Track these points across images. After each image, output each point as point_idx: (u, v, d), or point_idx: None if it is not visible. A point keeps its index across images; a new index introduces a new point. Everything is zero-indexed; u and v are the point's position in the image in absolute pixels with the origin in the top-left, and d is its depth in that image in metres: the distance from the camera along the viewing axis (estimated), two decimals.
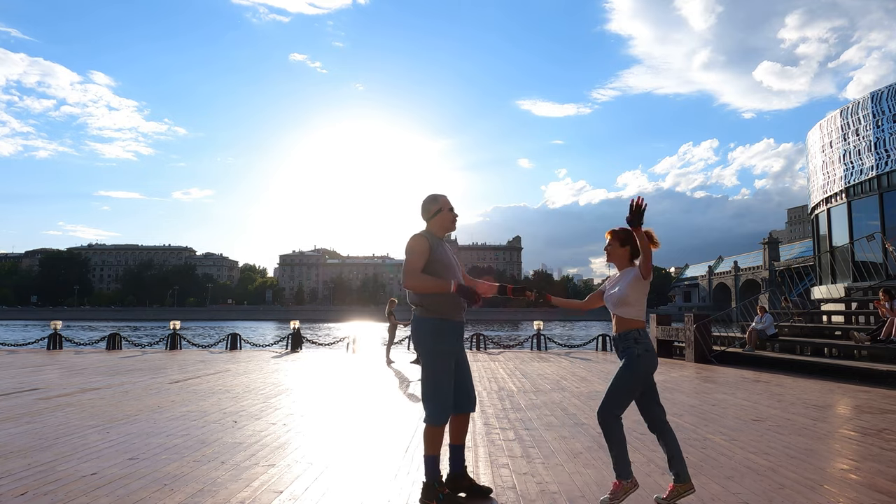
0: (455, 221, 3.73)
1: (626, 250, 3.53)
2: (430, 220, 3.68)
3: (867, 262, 15.63)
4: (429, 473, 3.54)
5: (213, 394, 7.98)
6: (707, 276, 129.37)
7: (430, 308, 3.52)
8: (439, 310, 3.52)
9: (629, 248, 3.53)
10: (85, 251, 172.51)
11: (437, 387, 3.50)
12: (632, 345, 3.38)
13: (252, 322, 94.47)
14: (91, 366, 11.79)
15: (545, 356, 15.13)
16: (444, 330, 3.52)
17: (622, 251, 3.54)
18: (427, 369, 3.53)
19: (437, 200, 3.69)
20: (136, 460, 4.41)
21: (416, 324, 3.56)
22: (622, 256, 3.54)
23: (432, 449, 3.52)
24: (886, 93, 16.43)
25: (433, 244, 3.57)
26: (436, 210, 3.67)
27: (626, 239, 3.53)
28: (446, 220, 3.69)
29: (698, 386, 9.25)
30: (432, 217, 3.68)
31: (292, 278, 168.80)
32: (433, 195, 3.73)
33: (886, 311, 10.67)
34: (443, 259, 3.57)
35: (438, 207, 3.67)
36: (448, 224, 3.70)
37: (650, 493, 3.66)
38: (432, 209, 3.68)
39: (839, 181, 17.91)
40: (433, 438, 3.52)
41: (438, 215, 3.67)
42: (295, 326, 17.84)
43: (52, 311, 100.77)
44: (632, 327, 3.41)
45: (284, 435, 5.40)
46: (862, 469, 4.30)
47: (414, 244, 3.53)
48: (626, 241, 3.53)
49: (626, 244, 3.53)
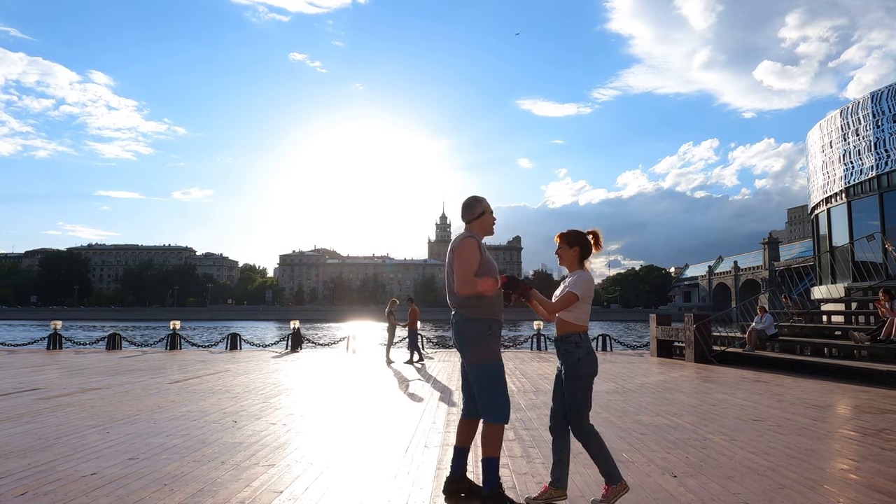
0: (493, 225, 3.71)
1: (576, 251, 3.52)
2: (473, 222, 3.62)
3: (867, 262, 15.63)
4: (495, 478, 3.42)
5: (213, 394, 7.98)
6: (707, 276, 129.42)
7: (482, 308, 3.47)
8: (490, 310, 3.49)
9: (578, 249, 3.52)
10: (85, 251, 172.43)
11: (503, 384, 3.45)
12: (573, 348, 3.39)
13: (252, 322, 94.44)
14: (91, 366, 11.79)
15: (545, 356, 15.13)
16: (495, 329, 3.51)
17: (571, 252, 3.52)
18: (490, 367, 3.44)
19: (481, 202, 3.65)
20: (136, 460, 4.41)
21: (468, 325, 3.46)
22: (571, 258, 3.52)
23: (498, 450, 3.43)
24: (886, 93, 16.43)
25: (481, 246, 3.54)
26: (480, 212, 3.63)
27: (575, 240, 3.53)
28: (488, 222, 3.66)
29: (698, 386, 9.26)
30: (476, 219, 3.62)
31: (292, 278, 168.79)
32: (476, 197, 3.67)
33: (886, 311, 10.68)
34: (490, 260, 3.55)
35: (483, 210, 3.63)
36: (489, 227, 3.67)
37: (650, 493, 3.67)
38: (476, 211, 3.63)
39: (839, 181, 17.91)
40: (500, 439, 3.44)
41: (482, 217, 3.63)
42: (295, 326, 17.86)
43: (52, 311, 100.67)
44: (572, 331, 3.41)
45: (284, 435, 5.40)
46: (862, 469, 4.30)
47: (469, 246, 3.45)
48: (574, 243, 3.52)
49: (574, 245, 3.52)
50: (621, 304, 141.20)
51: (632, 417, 6.37)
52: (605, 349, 17.36)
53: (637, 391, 8.49)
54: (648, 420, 6.20)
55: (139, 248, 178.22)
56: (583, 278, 3.42)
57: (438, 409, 7.02)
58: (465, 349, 3.50)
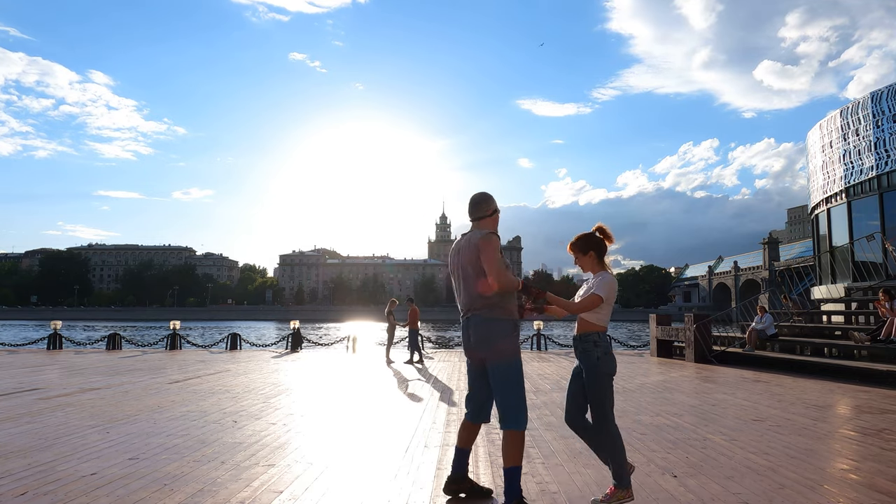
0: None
1: (591, 255, 3.52)
2: (486, 219, 3.59)
3: (867, 262, 15.62)
4: (517, 488, 3.31)
5: (213, 394, 7.98)
6: (707, 276, 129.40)
7: (507, 308, 3.42)
8: (512, 311, 3.46)
9: (593, 252, 3.52)
10: (85, 251, 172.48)
11: (523, 386, 3.40)
12: (591, 347, 3.39)
13: (252, 322, 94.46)
14: (91, 366, 11.79)
15: (545, 356, 15.13)
16: (517, 331, 3.47)
17: (588, 258, 3.53)
18: (512, 371, 3.39)
19: (493, 200, 3.63)
20: (136, 460, 4.41)
21: (491, 325, 3.39)
22: (591, 263, 3.53)
23: (520, 458, 3.34)
24: (886, 93, 16.42)
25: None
26: (493, 209, 3.62)
27: (586, 245, 3.53)
28: (497, 220, 3.67)
29: (698, 386, 9.25)
30: (489, 216, 3.60)
31: (292, 278, 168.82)
32: (488, 194, 3.64)
33: (886, 311, 10.67)
34: (503, 258, 3.53)
35: (496, 207, 3.64)
36: (497, 225, 3.68)
37: (650, 493, 3.66)
38: (490, 208, 3.61)
39: (839, 181, 17.91)
40: (522, 446, 3.36)
41: (495, 214, 3.63)
42: (295, 326, 17.86)
43: (52, 311, 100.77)
44: (591, 330, 3.41)
45: (284, 435, 5.40)
46: (862, 469, 4.30)
47: (493, 243, 3.41)
48: (586, 248, 3.52)
49: (587, 250, 3.52)
50: (621, 304, 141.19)
51: (632, 417, 6.37)
52: None
53: (637, 391, 8.49)
54: (648, 420, 6.20)
55: (139, 248, 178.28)
56: (606, 280, 3.41)
57: (438, 409, 7.02)
58: (487, 349, 3.40)
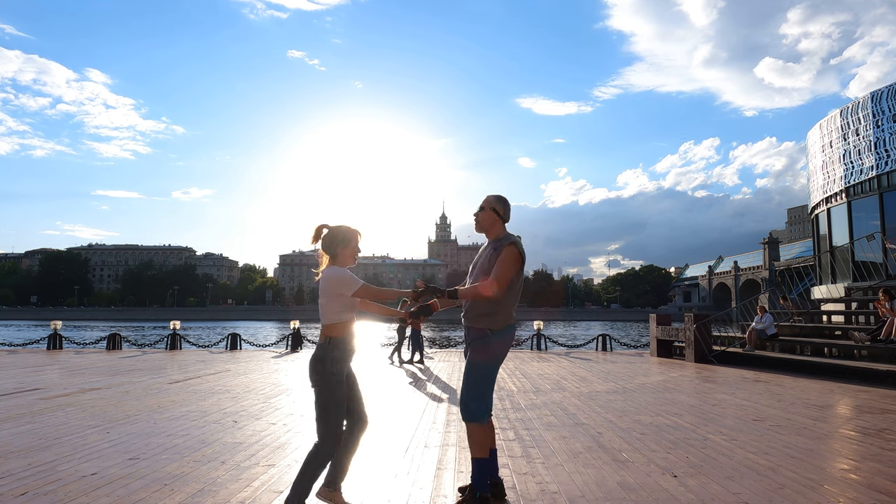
0: None
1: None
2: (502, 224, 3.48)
3: (867, 262, 15.63)
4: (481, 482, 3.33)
5: (214, 394, 7.98)
6: (707, 276, 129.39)
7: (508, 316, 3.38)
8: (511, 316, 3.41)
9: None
10: (85, 251, 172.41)
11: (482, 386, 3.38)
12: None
13: (252, 322, 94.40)
14: (91, 366, 11.80)
15: (545, 356, 15.13)
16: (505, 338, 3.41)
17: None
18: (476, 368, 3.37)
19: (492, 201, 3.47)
20: (137, 460, 4.41)
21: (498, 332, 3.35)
22: None
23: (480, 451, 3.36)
24: (886, 92, 16.43)
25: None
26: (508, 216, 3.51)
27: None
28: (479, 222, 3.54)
29: (698, 386, 9.25)
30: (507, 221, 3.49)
31: (292, 278, 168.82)
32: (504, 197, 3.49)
33: (886, 311, 10.67)
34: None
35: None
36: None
37: (650, 493, 3.67)
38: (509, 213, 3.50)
39: (839, 181, 17.92)
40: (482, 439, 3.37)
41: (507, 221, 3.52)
42: (295, 326, 17.85)
43: (52, 311, 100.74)
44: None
45: (284, 435, 5.40)
46: (862, 469, 4.30)
47: (515, 254, 3.30)
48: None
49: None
50: (621, 304, 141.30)
51: (632, 417, 6.37)
52: (606, 349, 17.35)
53: (637, 391, 8.49)
54: (648, 420, 6.20)
55: (139, 248, 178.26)
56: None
57: (438, 409, 7.02)
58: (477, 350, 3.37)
